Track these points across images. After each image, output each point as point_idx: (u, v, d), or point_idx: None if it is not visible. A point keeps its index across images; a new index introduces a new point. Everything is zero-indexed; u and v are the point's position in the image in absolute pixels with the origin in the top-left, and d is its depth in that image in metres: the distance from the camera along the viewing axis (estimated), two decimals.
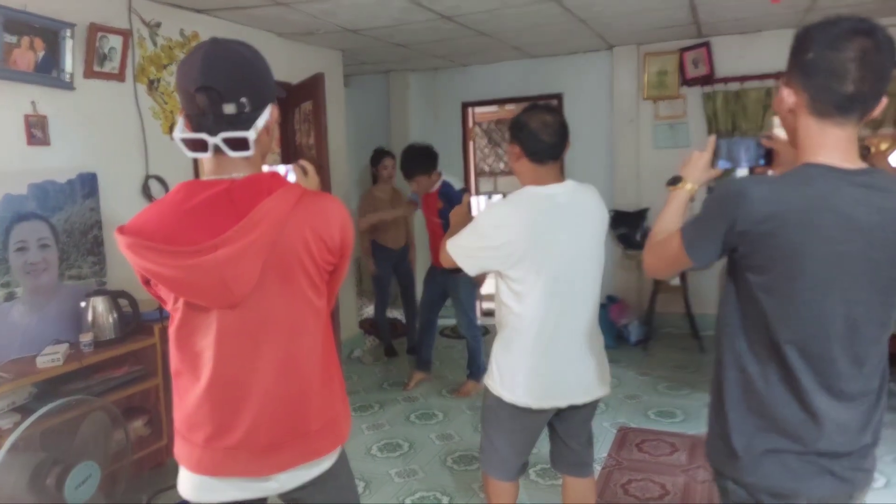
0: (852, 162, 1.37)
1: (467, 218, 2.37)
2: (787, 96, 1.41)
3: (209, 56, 1.40)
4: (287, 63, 4.83)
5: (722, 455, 1.51)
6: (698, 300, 5.75)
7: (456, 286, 4.64)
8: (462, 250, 2.22)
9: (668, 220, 1.63)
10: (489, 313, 7.05)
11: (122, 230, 1.39)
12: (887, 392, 1.47)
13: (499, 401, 2.24)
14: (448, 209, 4.24)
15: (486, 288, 7.11)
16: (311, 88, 4.72)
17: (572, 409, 2.28)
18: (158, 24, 3.83)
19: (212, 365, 1.44)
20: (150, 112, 3.80)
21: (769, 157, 1.65)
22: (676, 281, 5.57)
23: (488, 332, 6.35)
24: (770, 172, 1.65)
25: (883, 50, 1.30)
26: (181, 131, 1.44)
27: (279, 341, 1.47)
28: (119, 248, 1.39)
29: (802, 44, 1.37)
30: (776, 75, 5.30)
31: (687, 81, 5.71)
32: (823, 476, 1.42)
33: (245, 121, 1.42)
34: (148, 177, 3.78)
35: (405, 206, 5.31)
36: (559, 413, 2.30)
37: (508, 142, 2.28)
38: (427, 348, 5.03)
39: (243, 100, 1.40)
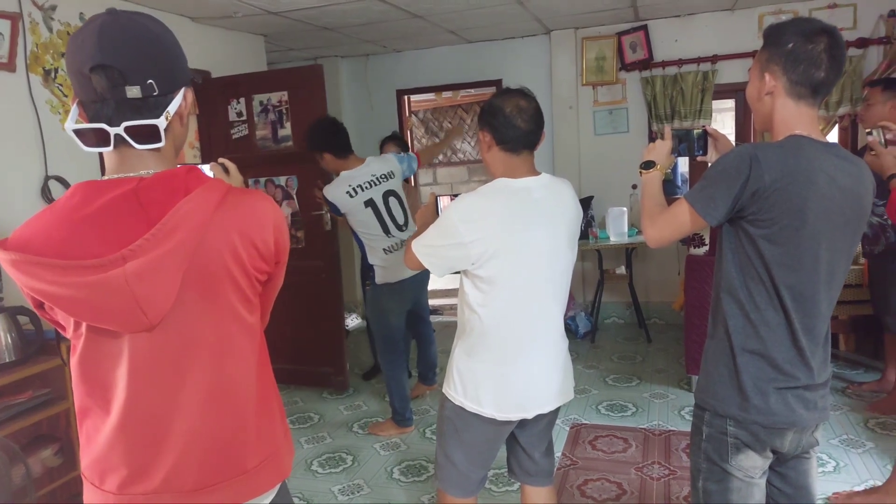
0: (819, 136, 1.64)
1: (434, 218, 2.21)
2: (769, 81, 1.65)
3: (107, 29, 1.16)
4: (204, 50, 4.51)
5: (728, 398, 1.69)
6: (642, 288, 5.75)
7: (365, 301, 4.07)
8: (427, 249, 2.03)
9: (656, 196, 1.86)
10: (435, 311, 6.83)
11: (3, 244, 1.14)
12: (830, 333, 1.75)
13: (459, 411, 2.07)
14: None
15: (436, 283, 6.88)
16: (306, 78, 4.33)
17: (537, 417, 2.12)
18: (53, 7, 3.55)
19: (124, 399, 1.22)
20: (47, 106, 3.51)
21: (706, 147, 2.01)
22: (622, 269, 5.51)
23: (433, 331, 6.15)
24: (710, 157, 2.02)
25: (841, 46, 1.60)
26: (74, 121, 1.20)
27: (205, 368, 1.26)
28: (2, 265, 1.15)
29: (780, 37, 1.62)
30: (712, 58, 5.33)
31: (626, 66, 5.64)
32: (808, 407, 1.66)
33: (153, 106, 1.19)
34: (48, 178, 3.49)
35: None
36: (522, 422, 2.14)
37: (478, 129, 2.09)
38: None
39: (150, 81, 1.17)
